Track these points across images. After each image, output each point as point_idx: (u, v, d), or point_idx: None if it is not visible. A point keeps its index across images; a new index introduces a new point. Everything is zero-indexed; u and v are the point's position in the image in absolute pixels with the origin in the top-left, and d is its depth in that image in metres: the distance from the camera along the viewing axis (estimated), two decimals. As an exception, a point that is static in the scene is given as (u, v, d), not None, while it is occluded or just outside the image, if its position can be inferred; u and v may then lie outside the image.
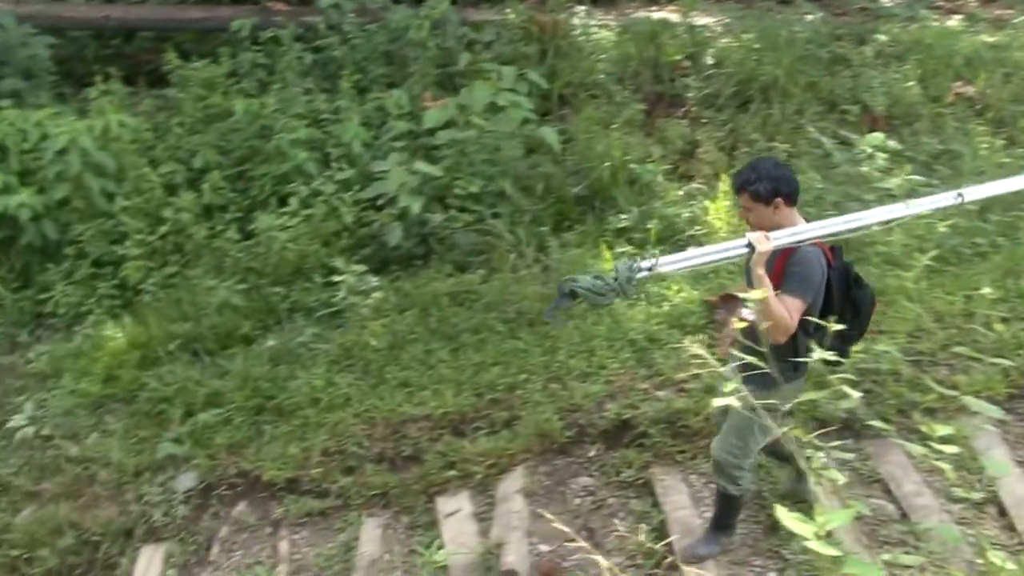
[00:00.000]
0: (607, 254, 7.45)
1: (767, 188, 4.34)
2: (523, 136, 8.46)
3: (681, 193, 8.22)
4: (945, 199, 4.58)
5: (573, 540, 5.52)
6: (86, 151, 8.19)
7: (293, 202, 8.03)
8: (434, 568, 5.44)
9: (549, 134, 8.46)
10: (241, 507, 6.44)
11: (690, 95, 9.38)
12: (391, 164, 8.03)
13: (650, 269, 4.12)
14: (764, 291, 4.06)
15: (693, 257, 4.25)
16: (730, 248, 4.30)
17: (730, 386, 3.02)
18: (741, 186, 4.44)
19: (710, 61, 9.70)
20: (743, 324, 3.75)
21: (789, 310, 4.26)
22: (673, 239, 7.67)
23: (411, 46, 9.43)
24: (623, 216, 7.95)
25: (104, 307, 7.87)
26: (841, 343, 4.38)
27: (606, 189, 8.28)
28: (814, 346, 3.80)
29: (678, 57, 9.76)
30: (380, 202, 8.03)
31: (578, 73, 9.51)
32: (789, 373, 4.41)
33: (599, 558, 2.95)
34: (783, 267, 4.37)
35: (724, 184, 7.93)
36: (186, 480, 6.52)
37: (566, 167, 8.54)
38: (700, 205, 7.95)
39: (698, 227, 7.71)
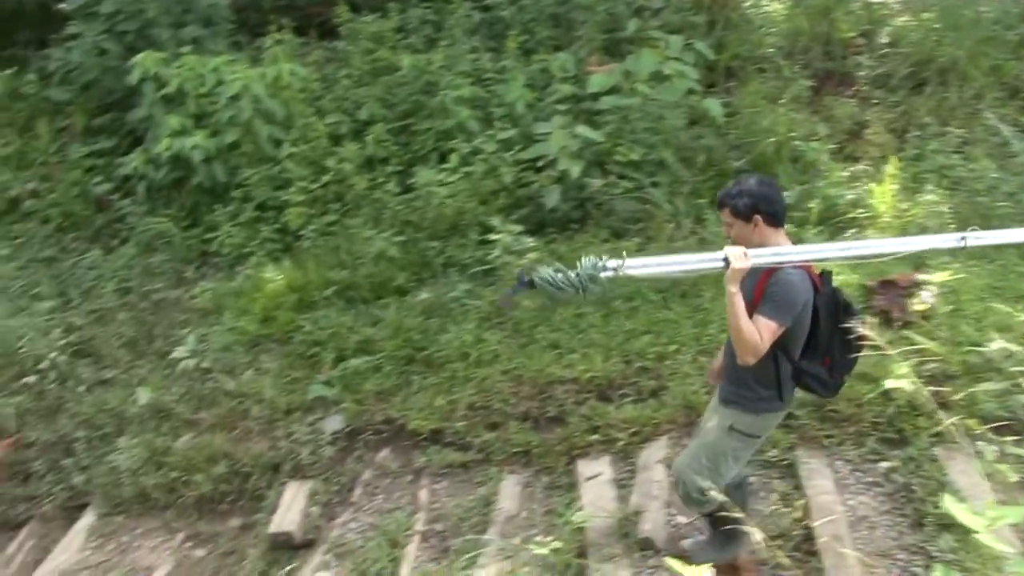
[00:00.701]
0: (766, 231, 7.31)
1: (746, 204, 4.17)
2: (687, 107, 8.34)
3: (846, 174, 7.96)
4: (947, 240, 4.21)
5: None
6: (257, 98, 8.44)
7: (454, 159, 8.10)
8: (571, 529, 5.46)
9: (713, 106, 8.31)
10: (385, 453, 6.59)
11: (861, 74, 9.08)
12: (553, 127, 8.03)
13: (615, 270, 4.01)
14: (733, 309, 4.03)
15: (664, 264, 4.12)
16: (705, 260, 4.15)
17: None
18: (722, 200, 4.30)
19: (885, 39, 9.37)
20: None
21: (761, 332, 4.09)
22: (833, 221, 7.46)
23: (579, 9, 9.39)
24: (784, 193, 7.76)
25: (265, 250, 8.11)
26: (831, 374, 4.36)
27: (768, 165, 8.09)
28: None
29: (852, 34, 9.44)
30: (540, 164, 8.03)
31: (746, 46, 9.32)
32: (770, 400, 4.38)
33: (754, 530, 2.89)
34: (764, 287, 4.18)
35: (892, 167, 7.67)
36: (334, 422, 6.70)
37: (728, 140, 8.37)
38: (864, 188, 7.70)
39: (861, 210, 7.46)
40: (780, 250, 4.10)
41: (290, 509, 6.24)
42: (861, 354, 4.37)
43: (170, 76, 8.56)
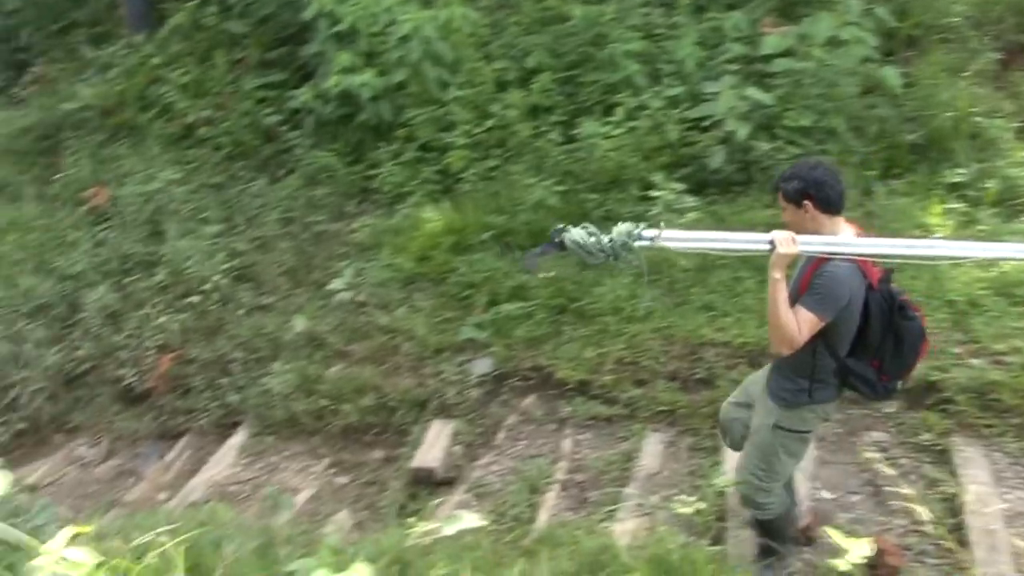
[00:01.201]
0: (936, 208, 7.01)
1: (796, 188, 4.00)
2: (862, 74, 8.00)
3: (1029, 155, 7.58)
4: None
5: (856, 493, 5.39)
6: (428, 40, 8.47)
7: (619, 112, 7.99)
8: (714, 492, 5.39)
9: (891, 75, 7.96)
10: (530, 400, 6.61)
11: (1058, 49, 8.58)
12: (722, 87, 7.83)
13: (651, 240, 3.97)
14: (774, 296, 3.92)
15: (705, 239, 4.11)
16: (751, 241, 4.05)
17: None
18: (776, 184, 4.17)
19: (1090, 13, 8.79)
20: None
21: (800, 324, 3.94)
22: (1011, 202, 7.10)
23: (756, -32, 9.13)
24: (959, 171, 7.42)
25: (425, 190, 8.17)
26: (879, 376, 4.19)
27: (944, 140, 7.72)
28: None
29: (1053, 5, 8.91)
30: (706, 123, 7.85)
31: (931, 13, 8.86)
32: (811, 393, 4.21)
33: (920, 508, 2.78)
34: (810, 277, 4.00)
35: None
36: (482, 365, 6.76)
37: (903, 112, 8.00)
38: (1051, 171, 7.31)
39: (1043, 194, 7.11)
40: (834, 240, 3.96)
41: (433, 446, 6.34)
42: (919, 355, 4.21)
43: (344, 13, 8.65)
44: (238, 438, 7.06)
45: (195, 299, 7.68)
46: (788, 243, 3.87)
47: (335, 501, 6.23)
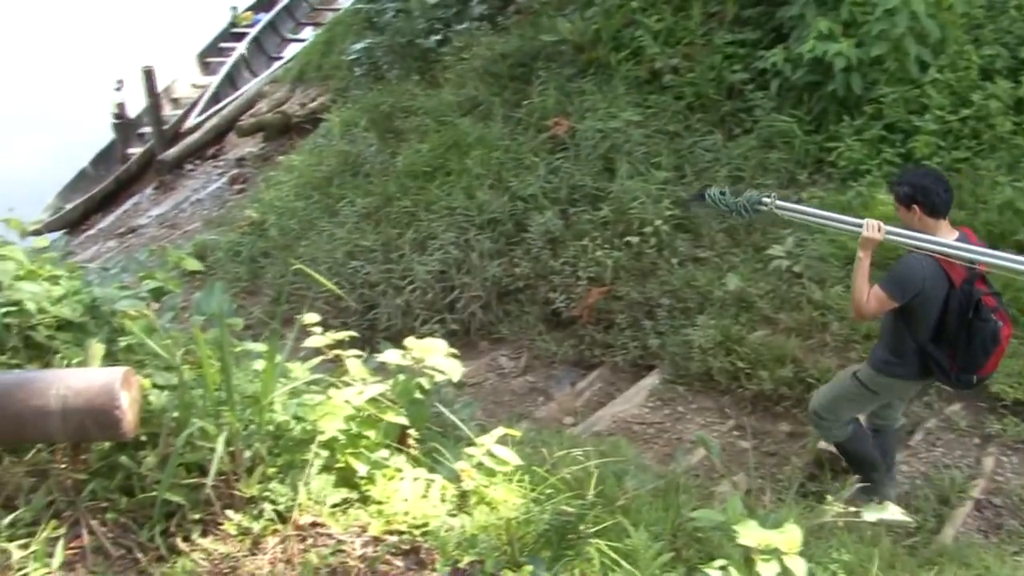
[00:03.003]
0: None
1: (905, 193, 4.69)
2: None
3: None
4: None
5: None
6: (915, 15, 8.05)
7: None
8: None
9: None
10: (956, 407, 6.31)
11: None
12: None
13: (765, 206, 5.17)
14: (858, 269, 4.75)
15: (812, 215, 5.20)
16: (847, 222, 4.98)
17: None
18: (890, 185, 5.13)
19: None
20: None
21: (871, 296, 4.72)
22: None
23: None
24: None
25: (883, 172, 7.83)
26: (952, 366, 4.79)
27: None
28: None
29: None
30: None
31: None
32: (891, 365, 4.96)
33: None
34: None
35: None
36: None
37: None
38: None
39: None
40: (918, 236, 4.62)
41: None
42: (991, 356, 4.73)
43: (831, -22, 8.46)
44: (650, 380, 7.27)
45: (633, 239, 7.93)
46: (874, 230, 4.64)
47: (735, 464, 6.26)
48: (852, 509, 3.23)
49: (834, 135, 8.36)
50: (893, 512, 3.03)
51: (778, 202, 5.14)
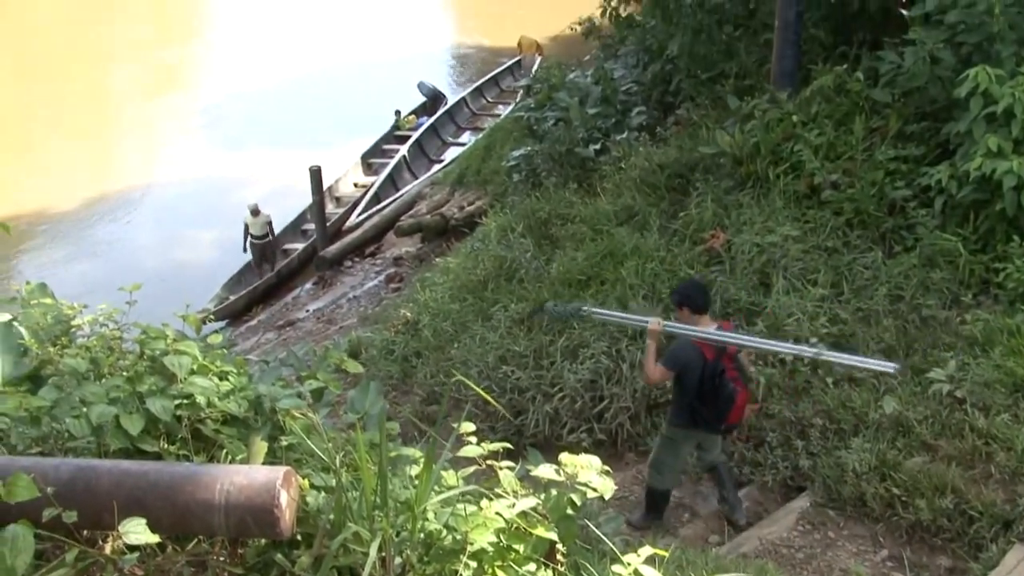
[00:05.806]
0: None
1: (676, 299, 6.59)
2: None
3: None
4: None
5: None
6: (1090, 135, 7.80)
7: None
8: None
9: None
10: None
11: None
12: None
13: (584, 313, 7.25)
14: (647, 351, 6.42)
15: (614, 316, 7.46)
16: (639, 320, 6.87)
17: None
18: (671, 293, 7.08)
19: None
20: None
21: (656, 369, 6.39)
22: None
23: None
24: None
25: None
26: (710, 417, 6.52)
27: None
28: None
29: None
30: None
31: None
32: (676, 418, 6.74)
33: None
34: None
35: None
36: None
37: None
38: None
39: None
40: (687, 328, 6.34)
41: (1012, 572, 5.83)
42: (731, 411, 6.47)
43: (1001, 94, 8.23)
44: (800, 502, 7.05)
45: (788, 357, 7.76)
46: (655, 325, 6.33)
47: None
48: None
49: (1001, 255, 8.07)
50: None
51: (592, 310, 7.30)
